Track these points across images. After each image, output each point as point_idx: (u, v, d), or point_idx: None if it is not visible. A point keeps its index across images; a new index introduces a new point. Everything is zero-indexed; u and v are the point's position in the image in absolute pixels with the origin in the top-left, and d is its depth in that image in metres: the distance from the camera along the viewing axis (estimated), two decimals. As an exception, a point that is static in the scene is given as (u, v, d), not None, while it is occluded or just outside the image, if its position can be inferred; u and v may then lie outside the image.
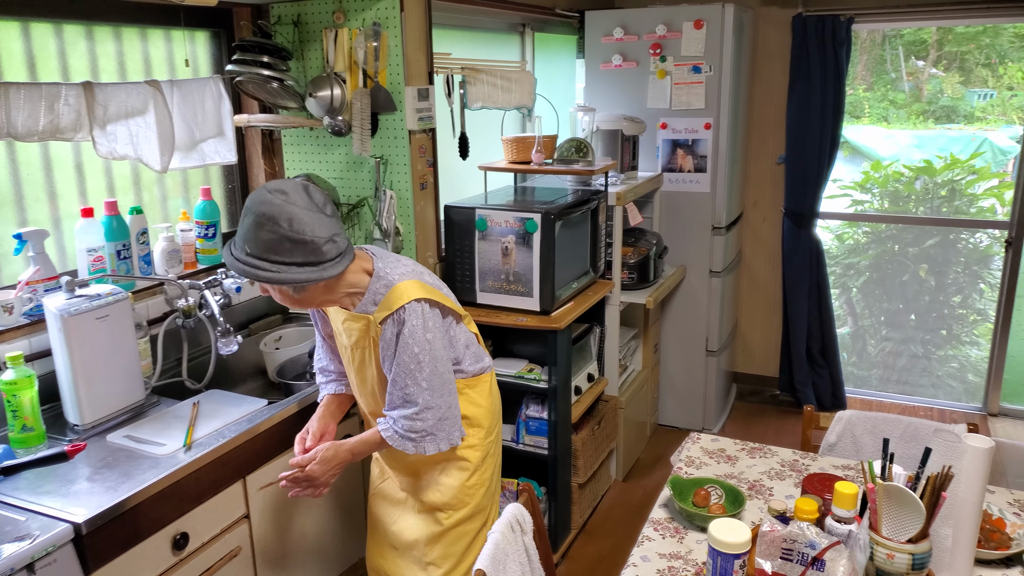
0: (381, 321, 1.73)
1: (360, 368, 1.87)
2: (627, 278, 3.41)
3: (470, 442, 1.93)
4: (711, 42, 3.51)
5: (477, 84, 2.98)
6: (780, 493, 1.68)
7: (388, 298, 1.73)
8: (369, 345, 1.80)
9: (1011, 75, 4.75)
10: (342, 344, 1.88)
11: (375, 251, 1.84)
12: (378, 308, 1.75)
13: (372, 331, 1.77)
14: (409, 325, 1.70)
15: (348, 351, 1.86)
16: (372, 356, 1.81)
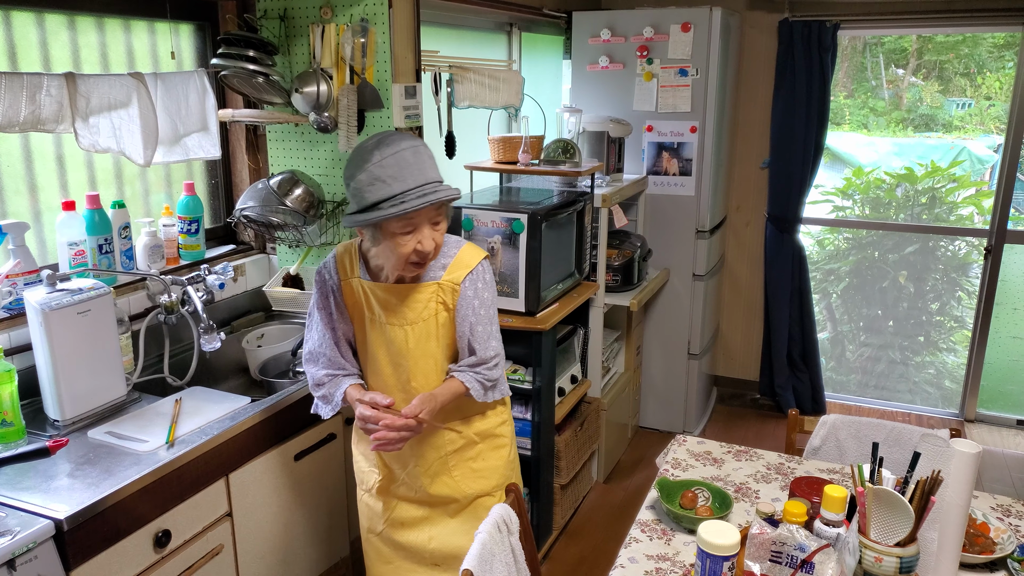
0: (462, 280, 1.77)
1: (419, 344, 1.80)
2: (611, 280, 3.42)
3: (503, 417, 1.95)
4: (698, 45, 3.52)
5: (465, 83, 2.97)
6: (766, 496, 1.69)
7: (461, 258, 1.80)
8: (436, 314, 1.78)
9: (989, 85, 4.82)
10: (385, 332, 1.80)
11: None
12: (451, 270, 1.78)
13: (447, 296, 1.77)
14: (484, 279, 1.80)
15: (400, 330, 1.79)
16: (439, 325, 1.79)
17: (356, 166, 1.66)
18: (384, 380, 1.87)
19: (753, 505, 1.65)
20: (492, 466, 1.91)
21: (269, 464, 2.06)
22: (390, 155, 1.63)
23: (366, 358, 1.90)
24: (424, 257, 1.70)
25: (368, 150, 1.65)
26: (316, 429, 2.24)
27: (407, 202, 1.60)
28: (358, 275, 1.83)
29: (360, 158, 1.66)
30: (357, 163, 1.66)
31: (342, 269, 1.85)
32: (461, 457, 1.90)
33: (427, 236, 1.68)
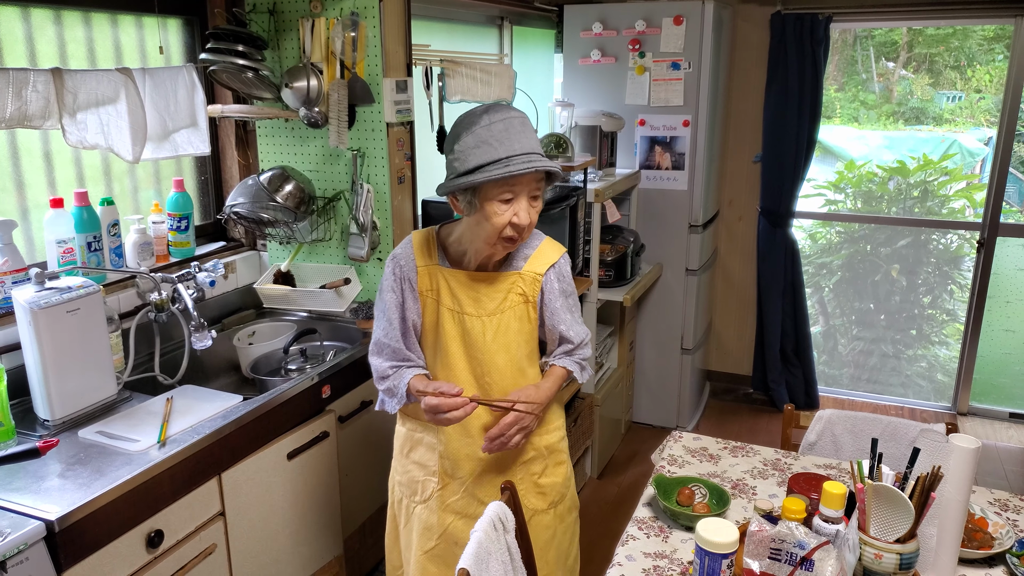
0: (545, 272, 1.76)
1: (497, 336, 1.75)
2: (604, 275, 3.40)
3: (562, 432, 1.91)
4: (690, 39, 3.51)
5: (456, 77, 2.95)
6: (763, 492, 1.68)
7: (543, 250, 1.79)
8: (515, 306, 1.76)
9: (979, 78, 4.83)
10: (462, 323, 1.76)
11: None
12: (532, 260, 1.77)
13: (527, 286, 1.76)
14: (566, 272, 1.81)
15: (479, 321, 1.75)
16: (518, 318, 1.76)
17: (463, 128, 1.64)
18: (457, 374, 1.78)
19: (750, 502, 1.64)
20: (553, 483, 1.84)
21: (262, 463, 2.04)
22: (499, 120, 1.61)
23: (436, 351, 1.81)
24: (519, 232, 1.64)
25: (477, 114, 1.64)
26: (309, 427, 2.22)
27: (512, 165, 1.56)
28: (436, 262, 1.77)
29: (468, 121, 1.64)
30: (464, 126, 1.64)
31: (420, 255, 1.78)
32: (527, 471, 1.82)
33: (524, 208, 1.63)
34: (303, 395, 2.19)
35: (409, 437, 1.90)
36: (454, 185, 1.62)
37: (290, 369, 2.40)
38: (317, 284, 2.71)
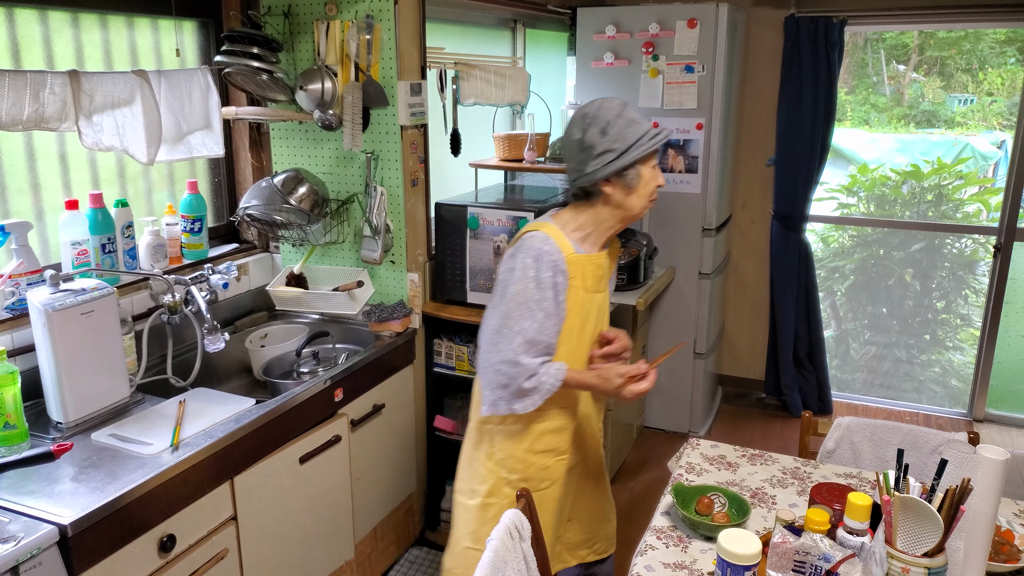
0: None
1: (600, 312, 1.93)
2: (617, 279, 3.38)
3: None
4: (704, 42, 3.49)
5: (470, 80, 2.94)
6: (783, 502, 1.66)
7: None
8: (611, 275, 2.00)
9: (991, 81, 4.80)
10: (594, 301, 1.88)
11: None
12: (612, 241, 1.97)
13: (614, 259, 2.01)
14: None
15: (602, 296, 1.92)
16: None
17: (610, 114, 1.76)
18: (582, 350, 1.88)
19: (770, 511, 1.62)
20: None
21: (274, 467, 2.03)
22: (628, 105, 1.81)
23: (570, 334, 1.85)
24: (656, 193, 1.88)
25: (612, 105, 1.79)
26: (321, 431, 2.21)
27: (658, 135, 1.78)
28: (574, 251, 1.82)
29: (608, 111, 1.77)
30: (607, 115, 1.77)
31: (564, 248, 1.80)
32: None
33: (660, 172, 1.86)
34: (315, 398, 2.19)
35: (532, 431, 1.88)
36: (630, 158, 1.74)
37: (302, 372, 2.40)
38: (330, 286, 2.70)
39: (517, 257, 1.77)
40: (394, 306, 2.68)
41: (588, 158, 1.77)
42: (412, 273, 2.72)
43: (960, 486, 1.22)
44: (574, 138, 1.79)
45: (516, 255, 1.78)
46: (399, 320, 2.64)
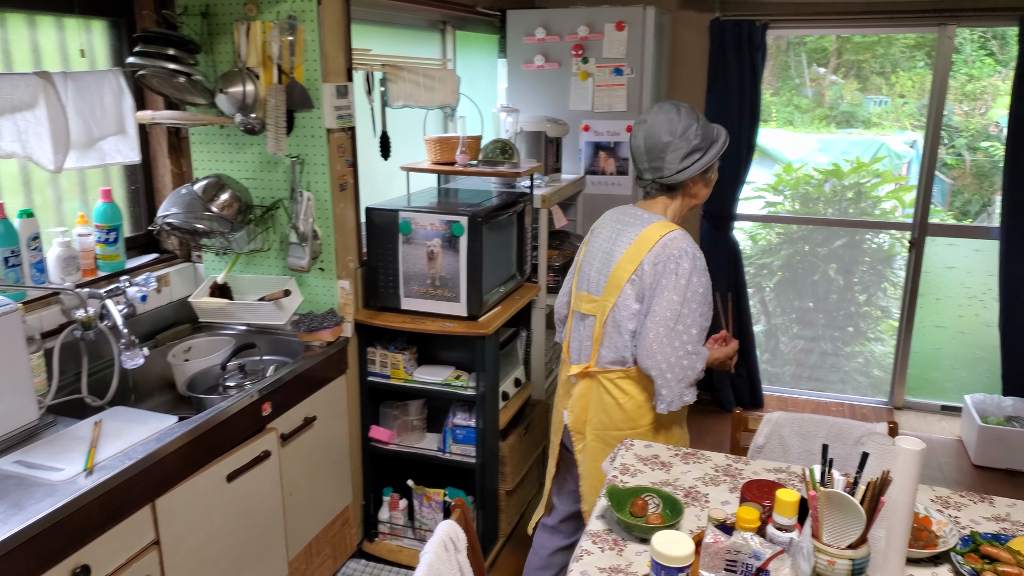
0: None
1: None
2: (553, 281, 3.39)
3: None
4: (632, 44, 3.52)
5: (399, 82, 2.89)
6: (716, 499, 1.67)
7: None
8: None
9: (902, 83, 5.02)
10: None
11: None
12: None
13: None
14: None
15: None
16: None
17: (691, 118, 2.00)
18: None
19: (703, 509, 1.63)
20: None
21: (200, 486, 1.95)
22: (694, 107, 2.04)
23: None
24: None
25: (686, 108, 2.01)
26: (249, 447, 2.14)
27: (726, 135, 2.08)
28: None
29: (689, 115, 2.00)
30: (690, 119, 2.00)
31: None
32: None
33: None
34: (242, 413, 2.11)
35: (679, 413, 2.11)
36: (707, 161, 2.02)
37: (228, 386, 2.31)
38: (256, 296, 2.62)
39: (682, 258, 1.93)
40: (324, 315, 2.62)
41: (680, 157, 1.98)
42: (343, 280, 2.66)
43: (880, 478, 1.25)
44: (662, 140, 1.97)
45: (680, 259, 1.93)
46: (330, 329, 2.57)
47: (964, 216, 5.17)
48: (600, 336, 2.05)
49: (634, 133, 2.06)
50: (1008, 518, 1.64)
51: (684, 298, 1.91)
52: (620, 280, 1.98)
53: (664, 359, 1.91)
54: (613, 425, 2.07)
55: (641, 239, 1.97)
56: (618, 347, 2.02)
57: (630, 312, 1.98)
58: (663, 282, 1.92)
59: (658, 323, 1.91)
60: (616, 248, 2.04)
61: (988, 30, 4.23)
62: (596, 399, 2.09)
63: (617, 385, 2.05)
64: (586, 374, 2.11)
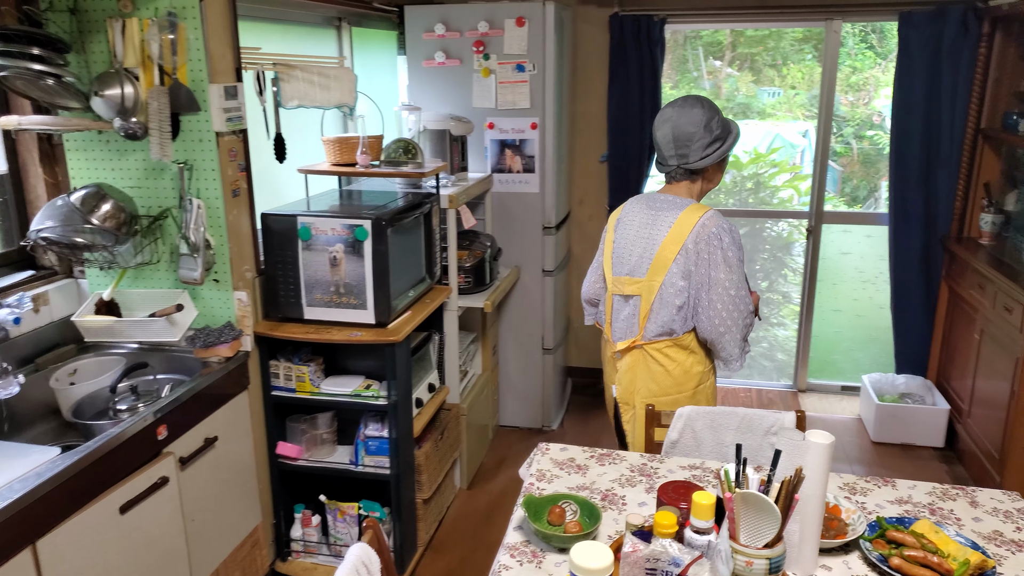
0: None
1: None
2: (464, 282, 3.33)
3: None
4: (533, 40, 3.50)
5: (292, 81, 2.77)
6: (633, 501, 1.66)
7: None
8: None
9: (793, 75, 5.21)
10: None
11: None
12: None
13: None
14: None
15: None
16: None
17: (713, 112, 2.21)
18: None
19: (621, 513, 1.62)
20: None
21: (88, 522, 1.80)
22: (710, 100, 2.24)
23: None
24: None
25: (707, 102, 2.22)
26: (145, 474, 2.00)
27: (738, 127, 2.28)
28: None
29: (710, 109, 2.21)
30: (711, 112, 2.21)
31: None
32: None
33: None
34: (136, 438, 1.97)
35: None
36: (726, 150, 2.23)
37: (120, 410, 2.16)
38: (146, 312, 2.46)
39: (722, 233, 2.14)
40: (221, 329, 2.48)
41: (704, 146, 2.19)
42: (239, 292, 2.53)
43: (794, 476, 1.26)
44: (688, 131, 2.18)
45: (720, 234, 2.13)
46: (228, 344, 2.44)
47: (854, 202, 5.42)
48: (648, 312, 2.21)
49: (658, 126, 2.25)
50: (910, 500, 1.70)
51: (732, 268, 2.14)
52: (666, 260, 2.16)
53: (733, 323, 2.15)
54: (661, 391, 2.24)
55: (681, 222, 2.16)
56: (665, 321, 2.20)
57: (676, 288, 2.16)
58: (711, 258, 2.13)
59: (721, 295, 2.13)
60: (656, 232, 2.21)
61: (868, 24, 4.43)
62: (644, 369, 2.26)
63: (665, 354, 2.23)
64: (633, 348, 2.27)
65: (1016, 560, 1.50)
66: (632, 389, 2.29)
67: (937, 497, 1.72)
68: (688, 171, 2.24)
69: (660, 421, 2.13)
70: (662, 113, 2.26)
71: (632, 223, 2.28)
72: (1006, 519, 1.64)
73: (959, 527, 1.60)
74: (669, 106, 2.26)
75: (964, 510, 1.67)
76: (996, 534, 1.59)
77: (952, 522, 1.62)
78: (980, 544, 1.52)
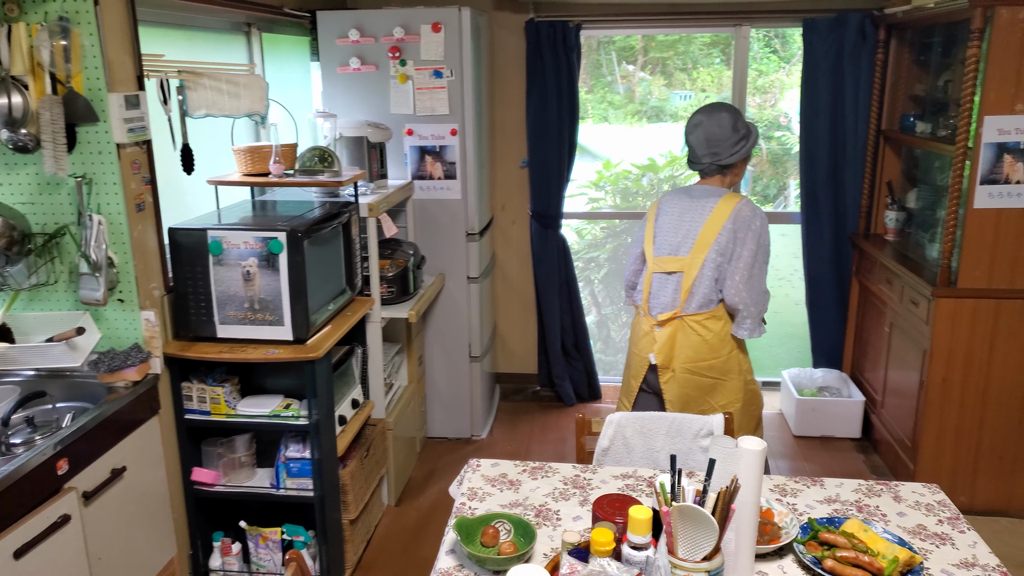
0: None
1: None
2: (387, 292, 3.25)
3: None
4: (450, 46, 3.45)
5: (199, 89, 2.64)
6: (567, 515, 1.63)
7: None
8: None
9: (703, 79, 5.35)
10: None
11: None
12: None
13: None
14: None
15: None
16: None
17: (738, 114, 2.56)
18: None
19: (556, 529, 1.59)
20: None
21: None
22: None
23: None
24: None
25: (731, 107, 2.57)
26: (42, 514, 1.85)
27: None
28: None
29: (735, 111, 2.55)
30: (736, 115, 2.55)
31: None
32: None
33: None
34: (32, 475, 1.83)
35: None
36: (751, 146, 2.58)
37: (14, 444, 2.00)
38: (43, 337, 2.29)
39: (754, 218, 2.49)
40: (128, 351, 2.34)
41: (733, 144, 2.53)
42: (147, 311, 2.39)
43: (730, 487, 1.25)
44: (718, 134, 2.51)
45: (752, 218, 2.49)
46: (135, 367, 2.30)
47: (765, 200, 5.60)
48: (690, 286, 2.51)
49: (690, 131, 2.57)
50: (838, 498, 1.73)
51: (758, 248, 2.48)
52: (708, 241, 2.48)
53: (748, 295, 2.47)
54: (699, 357, 2.53)
55: (720, 208, 2.50)
56: (705, 294, 2.50)
57: (715, 265, 2.48)
58: (742, 237, 2.46)
59: (742, 269, 2.46)
60: (698, 217, 2.53)
61: (772, 30, 4.58)
62: (683, 339, 2.55)
63: (702, 324, 2.52)
64: (673, 319, 2.55)
65: (941, 553, 1.54)
66: (671, 356, 2.56)
67: (863, 494, 1.76)
68: (720, 167, 2.57)
69: (591, 429, 2.11)
70: (692, 119, 2.58)
71: (673, 210, 2.60)
72: (928, 512, 1.69)
73: (886, 523, 1.64)
74: (698, 112, 2.58)
75: (889, 505, 1.71)
76: (920, 528, 1.63)
77: (879, 519, 1.66)
78: (907, 540, 1.56)
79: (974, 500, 3.17)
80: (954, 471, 3.16)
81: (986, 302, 3.01)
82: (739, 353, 2.60)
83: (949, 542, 1.58)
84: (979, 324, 3.02)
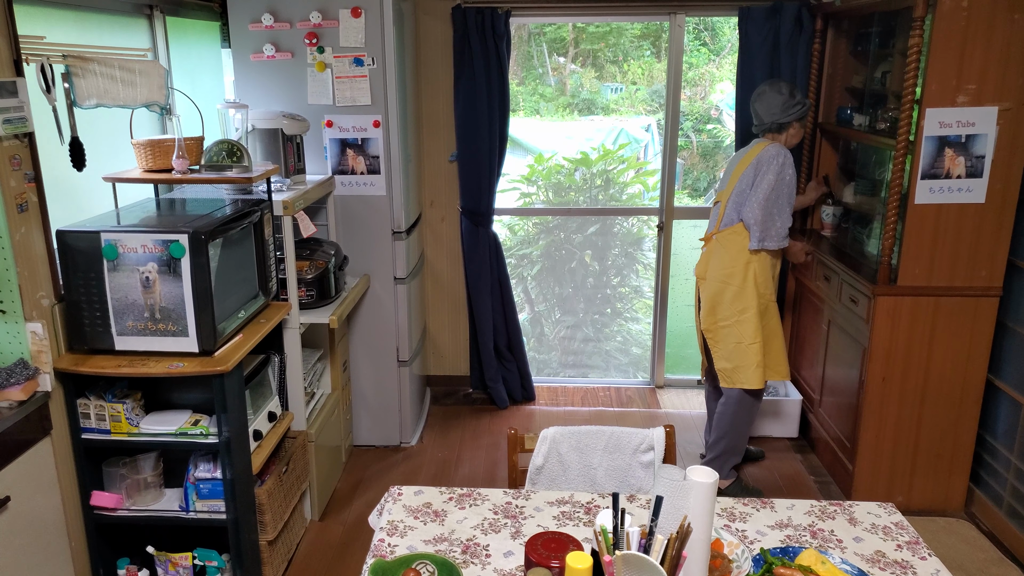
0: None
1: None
2: (305, 296, 3.05)
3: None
4: (371, 32, 3.26)
5: (88, 76, 2.38)
6: (498, 550, 1.49)
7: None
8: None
9: (634, 71, 5.29)
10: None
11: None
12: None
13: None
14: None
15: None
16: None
17: (789, 84, 3.16)
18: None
19: (485, 568, 1.45)
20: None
21: None
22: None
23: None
24: None
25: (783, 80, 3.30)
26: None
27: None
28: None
29: (786, 83, 3.17)
30: (788, 85, 3.15)
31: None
32: None
33: None
34: None
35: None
36: (805, 109, 3.15)
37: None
38: (-94, 357, 2.02)
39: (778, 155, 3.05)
40: (12, 367, 2.10)
41: (788, 107, 3.10)
42: (33, 323, 2.15)
43: (679, 530, 1.14)
44: (777, 98, 3.11)
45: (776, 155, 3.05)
46: (20, 385, 2.07)
47: (695, 193, 5.58)
48: (723, 212, 3.20)
49: (755, 99, 3.18)
50: (790, 522, 1.63)
51: (777, 179, 3.03)
52: (739, 175, 3.14)
53: (760, 214, 3.05)
54: (722, 266, 3.19)
55: (753, 150, 3.14)
56: (731, 215, 3.17)
57: (740, 191, 3.12)
58: (764, 169, 3.04)
59: (758, 195, 3.04)
60: (739, 159, 3.21)
61: (701, 21, 4.52)
62: (713, 253, 3.24)
63: (726, 238, 3.19)
64: (710, 238, 3.28)
65: (901, 583, 1.46)
66: (705, 267, 3.28)
67: (816, 517, 1.66)
68: (779, 124, 3.14)
69: (524, 446, 1.98)
70: (758, 90, 3.19)
71: (731, 162, 3.29)
72: (886, 536, 1.61)
73: (843, 551, 1.55)
74: (763, 84, 3.20)
75: (844, 529, 1.62)
76: (879, 555, 1.55)
77: (835, 545, 1.57)
78: (865, 571, 1.47)
79: (911, 500, 3.18)
80: (892, 470, 3.16)
81: (925, 300, 3.00)
82: (756, 266, 3.13)
83: (911, 571, 1.50)
84: (918, 322, 3.01)
